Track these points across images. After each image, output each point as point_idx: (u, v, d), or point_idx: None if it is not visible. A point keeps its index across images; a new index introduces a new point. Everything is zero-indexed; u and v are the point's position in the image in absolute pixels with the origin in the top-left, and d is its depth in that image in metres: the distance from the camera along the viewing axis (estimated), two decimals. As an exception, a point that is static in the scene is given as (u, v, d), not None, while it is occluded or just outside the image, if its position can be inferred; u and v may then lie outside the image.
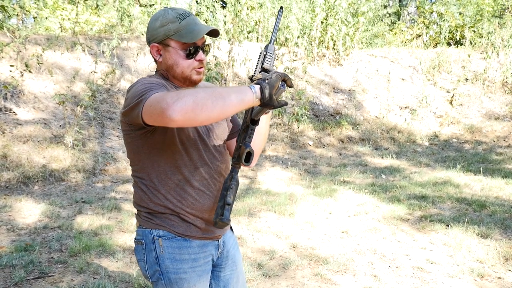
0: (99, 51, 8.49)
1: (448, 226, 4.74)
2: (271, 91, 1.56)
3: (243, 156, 1.68)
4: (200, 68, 1.83)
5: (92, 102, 7.40)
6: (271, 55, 1.79)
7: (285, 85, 1.61)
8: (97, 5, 10.66)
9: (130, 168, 1.92)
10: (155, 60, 1.85)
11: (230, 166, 1.78)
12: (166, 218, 1.79)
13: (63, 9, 10.20)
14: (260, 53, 1.82)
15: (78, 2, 9.59)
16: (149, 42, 1.83)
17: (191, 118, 1.42)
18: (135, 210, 1.85)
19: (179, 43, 1.78)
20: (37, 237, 4.33)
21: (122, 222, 4.74)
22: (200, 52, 1.81)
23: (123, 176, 6.47)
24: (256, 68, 1.81)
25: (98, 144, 6.92)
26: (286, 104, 1.62)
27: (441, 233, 4.60)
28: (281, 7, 1.90)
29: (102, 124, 7.36)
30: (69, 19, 9.85)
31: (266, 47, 1.81)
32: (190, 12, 1.82)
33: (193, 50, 1.79)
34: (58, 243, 4.19)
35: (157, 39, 1.79)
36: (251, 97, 1.53)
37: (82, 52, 8.35)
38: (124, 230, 4.54)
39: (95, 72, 7.79)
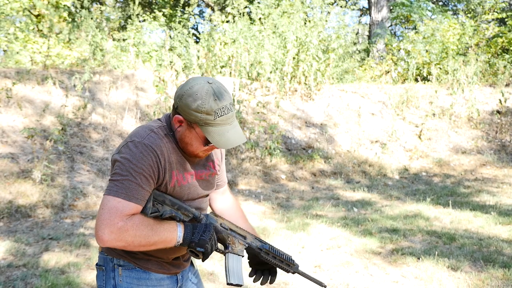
0: (70, 85, 8.43)
1: (419, 259, 4.77)
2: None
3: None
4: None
5: (62, 136, 7.29)
6: None
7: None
8: (70, 39, 10.65)
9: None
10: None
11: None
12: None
13: (34, 42, 10.14)
14: None
15: (50, 36, 9.56)
16: (175, 109, 1.77)
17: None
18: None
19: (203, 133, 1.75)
20: (0, 276, 4.17)
21: (90, 259, 4.61)
22: None
23: (93, 211, 6.33)
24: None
25: (68, 179, 6.79)
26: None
27: (412, 266, 4.63)
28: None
29: (72, 158, 7.25)
30: (40, 52, 9.78)
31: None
32: (232, 104, 1.75)
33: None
34: (23, 282, 4.04)
35: (185, 117, 1.74)
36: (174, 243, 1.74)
37: (53, 85, 8.28)
38: (92, 268, 4.42)
39: (65, 105, 7.71)
